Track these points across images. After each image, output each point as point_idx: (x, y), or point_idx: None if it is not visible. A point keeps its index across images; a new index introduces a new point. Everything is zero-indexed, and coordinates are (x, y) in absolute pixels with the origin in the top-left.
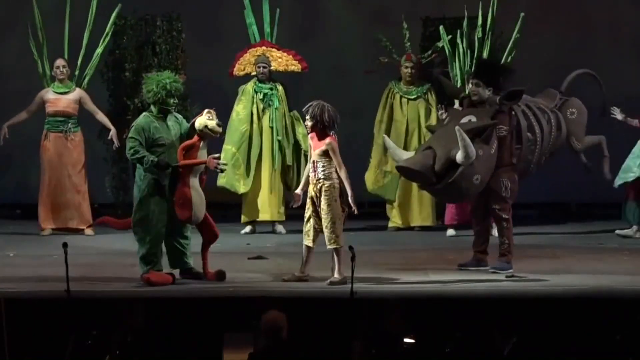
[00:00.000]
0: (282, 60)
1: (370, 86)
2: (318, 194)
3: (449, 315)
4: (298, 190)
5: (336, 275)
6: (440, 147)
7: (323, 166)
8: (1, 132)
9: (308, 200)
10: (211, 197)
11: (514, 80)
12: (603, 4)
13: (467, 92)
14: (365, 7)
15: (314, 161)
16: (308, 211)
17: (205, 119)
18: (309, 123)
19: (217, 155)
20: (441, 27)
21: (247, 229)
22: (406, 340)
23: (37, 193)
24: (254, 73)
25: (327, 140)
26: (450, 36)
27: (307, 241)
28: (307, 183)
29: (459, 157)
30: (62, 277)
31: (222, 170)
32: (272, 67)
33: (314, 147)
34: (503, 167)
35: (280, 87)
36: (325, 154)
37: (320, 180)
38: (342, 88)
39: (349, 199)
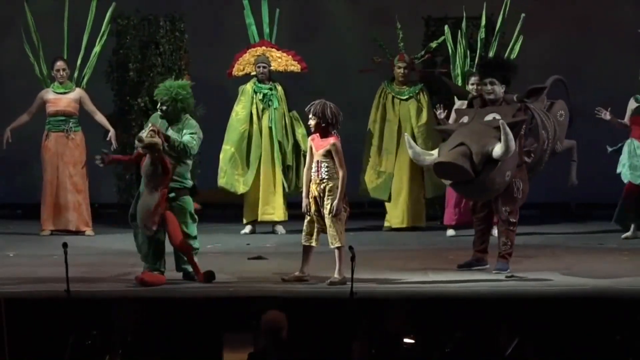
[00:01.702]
0: (282, 61)
1: (370, 86)
2: (322, 194)
3: (449, 315)
4: (305, 199)
5: (336, 275)
6: (474, 143)
7: (327, 166)
8: (4, 137)
9: (311, 200)
10: (211, 197)
11: (519, 78)
12: (603, 4)
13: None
14: (365, 7)
15: (317, 161)
16: (310, 211)
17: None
18: (312, 122)
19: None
20: (446, 27)
21: (247, 229)
22: (406, 340)
23: (39, 193)
24: (253, 73)
25: (332, 140)
26: (443, 37)
27: (309, 241)
28: (308, 185)
29: (499, 151)
30: (62, 277)
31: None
32: (271, 67)
33: (317, 147)
34: (517, 167)
35: (279, 88)
36: (328, 154)
37: (324, 180)
38: (342, 88)
39: (335, 200)
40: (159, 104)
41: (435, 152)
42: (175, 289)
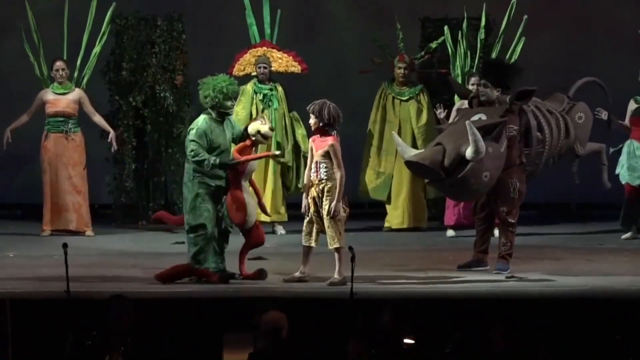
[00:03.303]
0: (283, 61)
1: (370, 87)
2: (320, 195)
3: (449, 315)
4: (305, 199)
5: (336, 275)
6: (450, 143)
7: (326, 167)
8: (4, 137)
9: (310, 201)
10: None
11: (521, 80)
12: (603, 5)
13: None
14: (365, 8)
15: (316, 162)
16: (309, 212)
17: (259, 124)
18: (311, 121)
19: (277, 152)
20: (446, 27)
21: None
22: (406, 340)
23: (39, 193)
24: (254, 73)
25: (330, 141)
26: (442, 38)
27: (308, 241)
28: (309, 186)
29: (469, 152)
30: (62, 277)
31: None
32: (272, 68)
33: (316, 148)
34: (512, 167)
35: (280, 88)
36: (327, 154)
37: (323, 181)
38: (342, 88)
39: (333, 202)
40: (229, 103)
41: (420, 150)
42: (174, 290)
